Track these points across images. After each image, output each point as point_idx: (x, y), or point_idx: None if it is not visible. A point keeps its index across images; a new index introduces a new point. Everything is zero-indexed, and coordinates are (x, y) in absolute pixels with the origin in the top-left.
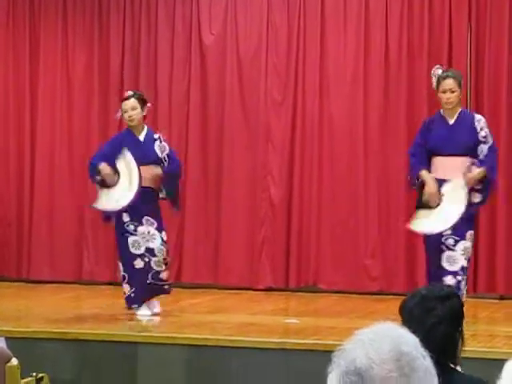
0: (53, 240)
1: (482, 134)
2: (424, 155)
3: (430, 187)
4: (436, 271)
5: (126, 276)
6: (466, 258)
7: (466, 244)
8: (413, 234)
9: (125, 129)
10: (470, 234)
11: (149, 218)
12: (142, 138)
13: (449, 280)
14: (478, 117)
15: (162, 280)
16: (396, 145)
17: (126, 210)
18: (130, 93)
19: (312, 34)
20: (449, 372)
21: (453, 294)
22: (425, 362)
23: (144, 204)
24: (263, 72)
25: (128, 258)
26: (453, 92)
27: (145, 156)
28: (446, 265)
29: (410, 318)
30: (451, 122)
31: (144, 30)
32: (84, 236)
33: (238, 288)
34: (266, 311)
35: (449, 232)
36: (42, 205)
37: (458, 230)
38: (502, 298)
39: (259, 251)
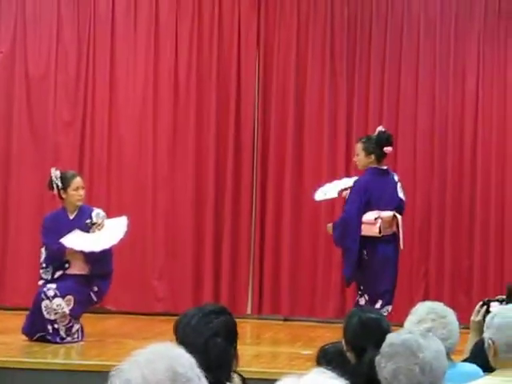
0: None
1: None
2: None
3: None
4: None
5: None
6: None
7: None
8: (200, 256)
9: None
10: None
11: None
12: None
13: None
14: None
15: None
16: (184, 166)
17: None
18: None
19: (102, 52)
20: None
21: (226, 310)
22: (200, 382)
23: None
24: (52, 91)
25: None
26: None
27: None
28: None
29: (187, 329)
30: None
31: None
32: None
33: (23, 309)
34: None
35: None
36: None
37: None
38: (286, 319)
39: None
